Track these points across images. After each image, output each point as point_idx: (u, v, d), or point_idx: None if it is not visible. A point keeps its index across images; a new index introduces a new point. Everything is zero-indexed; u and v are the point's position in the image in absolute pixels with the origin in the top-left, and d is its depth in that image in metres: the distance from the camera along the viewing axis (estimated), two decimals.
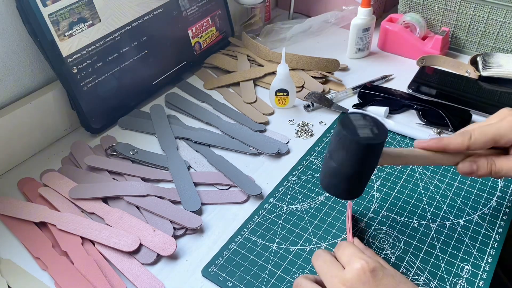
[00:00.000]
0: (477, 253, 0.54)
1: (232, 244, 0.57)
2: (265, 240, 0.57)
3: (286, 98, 0.78)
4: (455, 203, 0.61)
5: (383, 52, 0.95)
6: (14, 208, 0.61)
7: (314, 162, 0.68)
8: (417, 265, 0.54)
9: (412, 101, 0.77)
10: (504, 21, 0.84)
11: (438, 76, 0.85)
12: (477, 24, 0.88)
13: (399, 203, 0.61)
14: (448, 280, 0.52)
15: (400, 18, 0.92)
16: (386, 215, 0.60)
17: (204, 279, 0.53)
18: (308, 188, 0.64)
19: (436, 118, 0.74)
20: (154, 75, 0.83)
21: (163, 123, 0.75)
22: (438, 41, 0.87)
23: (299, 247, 0.56)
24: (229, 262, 0.54)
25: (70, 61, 0.69)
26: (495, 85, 0.81)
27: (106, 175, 0.66)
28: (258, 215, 0.60)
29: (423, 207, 0.61)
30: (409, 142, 0.71)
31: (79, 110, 0.72)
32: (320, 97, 0.78)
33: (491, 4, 0.84)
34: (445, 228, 0.58)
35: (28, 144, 0.71)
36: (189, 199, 0.62)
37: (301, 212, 0.61)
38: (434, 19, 0.93)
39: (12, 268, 0.55)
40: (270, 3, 1.07)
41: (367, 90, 0.80)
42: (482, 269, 0.53)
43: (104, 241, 0.56)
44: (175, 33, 0.85)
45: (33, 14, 0.63)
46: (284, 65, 0.75)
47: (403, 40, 0.91)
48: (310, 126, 0.75)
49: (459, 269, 0.53)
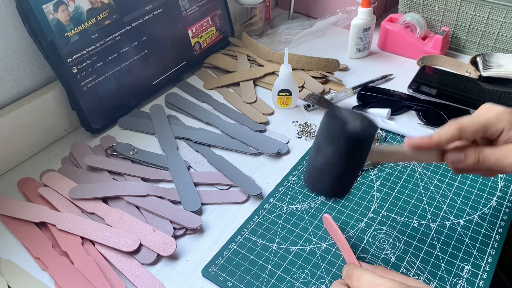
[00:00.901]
0: (477, 253, 0.54)
1: (232, 244, 0.57)
2: (265, 240, 0.57)
3: (289, 98, 0.78)
4: (455, 203, 0.61)
5: (383, 52, 0.95)
6: (14, 208, 0.61)
7: None
8: (417, 265, 0.53)
9: (412, 102, 0.77)
10: (505, 21, 0.84)
11: (438, 76, 0.85)
12: (477, 24, 0.88)
13: (399, 203, 0.61)
14: (448, 280, 0.52)
15: (400, 18, 0.92)
16: (386, 215, 0.60)
17: (204, 279, 0.53)
18: (308, 188, 0.64)
19: (437, 118, 0.74)
20: (154, 75, 0.83)
21: (163, 123, 0.75)
22: (439, 41, 0.87)
23: (299, 247, 0.56)
24: (229, 262, 0.54)
25: (70, 61, 0.69)
26: (495, 85, 0.81)
27: (106, 175, 0.66)
28: (258, 215, 0.60)
29: (423, 207, 0.61)
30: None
31: (79, 110, 0.72)
32: (319, 98, 0.78)
33: (491, 4, 0.84)
34: (445, 228, 0.58)
35: (28, 144, 0.71)
36: (189, 199, 0.62)
37: (301, 212, 0.60)
38: (434, 19, 0.93)
39: (12, 268, 0.55)
40: (270, 3, 1.07)
41: (366, 92, 0.80)
42: (482, 269, 0.53)
43: (104, 241, 0.56)
44: (175, 33, 0.85)
45: (33, 14, 0.63)
46: (287, 65, 0.75)
47: (404, 40, 0.91)
48: (312, 127, 0.75)
49: (459, 269, 0.53)
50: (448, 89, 0.81)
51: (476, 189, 0.63)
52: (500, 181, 0.64)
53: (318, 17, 1.07)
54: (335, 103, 0.78)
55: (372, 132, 0.44)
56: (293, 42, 0.98)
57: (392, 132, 0.73)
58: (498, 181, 0.64)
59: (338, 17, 0.99)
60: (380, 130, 0.73)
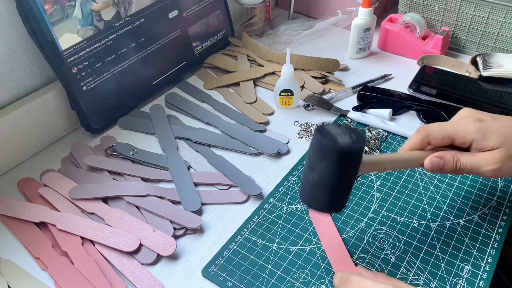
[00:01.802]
0: (477, 253, 0.54)
1: (232, 244, 0.57)
2: (265, 240, 0.57)
3: (290, 99, 0.78)
4: (455, 203, 0.61)
5: (384, 52, 0.95)
6: (14, 208, 0.61)
7: None
8: (417, 265, 0.53)
9: (412, 102, 0.77)
10: (505, 21, 0.84)
11: (438, 76, 0.85)
12: (477, 24, 0.88)
13: (399, 203, 0.61)
14: (448, 280, 0.52)
15: (400, 18, 0.92)
16: (386, 215, 0.60)
17: (204, 279, 0.53)
18: None
19: (437, 118, 0.73)
20: (154, 75, 0.83)
21: (163, 123, 0.75)
22: (439, 41, 0.87)
23: (299, 247, 0.56)
24: (229, 262, 0.54)
25: (70, 61, 0.69)
26: (495, 85, 0.81)
27: (106, 175, 0.66)
28: (258, 215, 0.60)
29: (423, 207, 0.61)
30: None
31: (79, 110, 0.72)
32: (319, 99, 0.78)
33: (491, 4, 0.84)
34: (445, 228, 0.58)
35: (28, 144, 0.71)
36: (189, 199, 0.62)
37: (301, 212, 0.60)
38: (434, 19, 0.93)
39: (12, 268, 0.55)
40: (270, 3, 1.07)
41: (366, 92, 0.80)
42: (482, 269, 0.53)
43: (104, 241, 0.56)
44: (175, 33, 0.85)
45: (33, 14, 0.63)
46: (289, 65, 0.75)
47: (404, 40, 0.91)
48: (314, 127, 0.75)
49: (459, 269, 0.53)
50: (448, 89, 0.81)
51: (476, 189, 0.63)
52: (500, 181, 0.64)
53: (318, 17, 1.07)
54: (334, 106, 0.78)
55: (361, 145, 0.46)
56: (294, 43, 0.98)
57: (391, 133, 0.73)
58: (498, 181, 0.64)
59: (339, 17, 1.00)
60: (383, 131, 0.73)
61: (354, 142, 0.45)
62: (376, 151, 0.69)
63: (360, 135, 0.46)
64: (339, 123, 0.49)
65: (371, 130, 0.72)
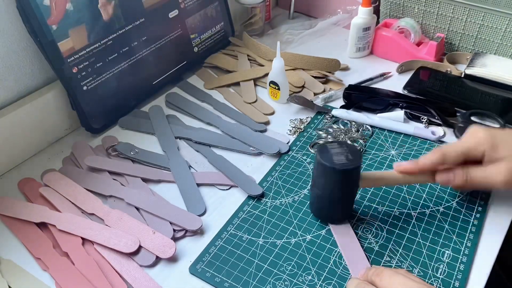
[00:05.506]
0: (456, 238, 0.56)
1: (219, 240, 0.57)
2: (251, 235, 0.58)
3: (277, 92, 0.79)
4: (434, 191, 0.63)
5: None
6: (15, 209, 0.61)
7: (296, 157, 0.69)
8: (400, 252, 0.55)
9: (398, 99, 0.77)
10: (507, 29, 0.83)
11: (432, 78, 0.84)
12: (470, 30, 0.87)
13: (380, 193, 0.63)
14: (430, 266, 0.53)
15: (395, 24, 0.91)
16: (368, 205, 0.61)
17: (204, 283, 0.53)
18: (291, 182, 0.65)
19: (424, 114, 0.74)
20: (154, 75, 0.83)
21: (163, 124, 0.75)
22: (433, 47, 0.86)
23: (284, 240, 0.57)
24: (216, 258, 0.55)
25: (70, 61, 0.69)
26: (478, 83, 0.81)
27: (106, 175, 0.66)
28: (243, 210, 0.61)
29: (403, 196, 0.62)
30: (396, 136, 0.72)
31: (79, 110, 0.72)
32: (303, 99, 0.78)
33: (484, 10, 0.83)
34: (426, 215, 0.59)
35: (29, 144, 0.71)
36: (193, 202, 0.62)
37: (286, 206, 0.61)
38: (429, 25, 0.91)
39: (13, 268, 0.55)
40: (270, 3, 1.06)
41: (351, 91, 0.80)
42: (462, 253, 0.55)
43: (104, 242, 0.56)
44: (175, 33, 0.85)
45: (33, 14, 0.63)
46: (279, 59, 0.76)
47: (397, 45, 0.89)
48: (300, 124, 0.75)
49: (440, 254, 0.55)
50: (434, 89, 0.81)
51: None
52: None
53: (319, 16, 1.07)
54: (316, 105, 0.78)
55: (357, 164, 0.52)
56: (295, 42, 0.98)
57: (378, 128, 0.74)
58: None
59: (339, 16, 0.99)
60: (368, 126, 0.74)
61: (349, 162, 0.51)
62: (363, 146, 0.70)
63: (357, 154, 0.52)
64: (341, 142, 0.57)
65: (358, 128, 0.73)
